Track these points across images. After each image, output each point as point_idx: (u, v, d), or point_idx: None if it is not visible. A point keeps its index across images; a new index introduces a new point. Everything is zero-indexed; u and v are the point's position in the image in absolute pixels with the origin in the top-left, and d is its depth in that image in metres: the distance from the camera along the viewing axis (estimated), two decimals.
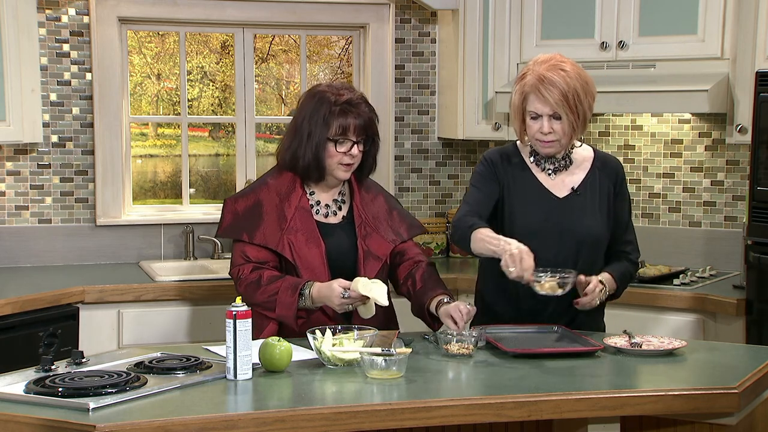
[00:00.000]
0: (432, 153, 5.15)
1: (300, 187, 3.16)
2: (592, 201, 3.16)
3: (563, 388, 2.52)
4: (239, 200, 3.19)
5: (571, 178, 3.18)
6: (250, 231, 3.11)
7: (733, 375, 2.64)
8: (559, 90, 3.01)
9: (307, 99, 3.17)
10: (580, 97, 3.04)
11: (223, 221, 3.19)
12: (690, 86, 4.09)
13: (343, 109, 3.09)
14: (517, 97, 3.10)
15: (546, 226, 3.11)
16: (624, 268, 3.20)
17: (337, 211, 3.22)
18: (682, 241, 4.59)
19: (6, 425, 2.28)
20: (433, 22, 5.06)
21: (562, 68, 3.05)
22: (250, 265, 3.10)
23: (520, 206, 3.15)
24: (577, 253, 3.12)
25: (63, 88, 4.60)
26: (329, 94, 3.11)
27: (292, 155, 3.15)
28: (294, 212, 3.12)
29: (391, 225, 3.27)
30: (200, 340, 3.97)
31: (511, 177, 3.18)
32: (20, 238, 4.57)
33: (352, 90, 3.18)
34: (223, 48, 5.11)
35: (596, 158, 3.22)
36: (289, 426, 2.30)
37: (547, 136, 3.07)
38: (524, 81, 3.08)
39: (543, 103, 3.03)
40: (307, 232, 3.11)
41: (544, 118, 3.05)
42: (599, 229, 3.16)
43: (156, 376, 2.56)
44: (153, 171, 5.07)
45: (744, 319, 3.81)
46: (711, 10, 4.14)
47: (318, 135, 3.09)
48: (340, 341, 2.73)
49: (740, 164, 4.47)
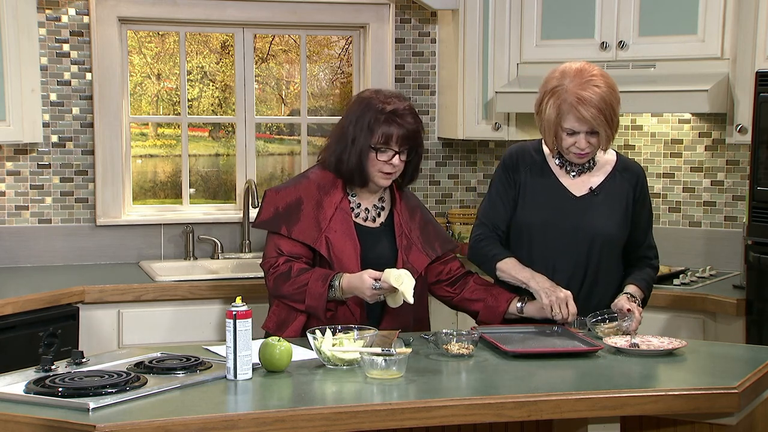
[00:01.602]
0: (432, 153, 5.15)
1: (342, 188, 3.17)
2: (609, 202, 3.21)
3: (563, 388, 2.52)
4: (281, 192, 3.19)
5: (591, 179, 3.24)
6: (288, 225, 3.12)
7: (733, 375, 2.64)
8: (597, 109, 3.06)
9: (355, 104, 3.18)
10: (615, 110, 3.12)
11: (262, 213, 3.19)
12: (690, 86, 4.09)
13: (388, 118, 3.09)
14: (553, 113, 3.12)
15: (559, 224, 3.18)
16: (647, 275, 3.26)
17: (376, 217, 3.22)
18: (682, 241, 4.59)
19: (6, 425, 2.28)
20: (433, 22, 5.06)
21: (596, 84, 3.08)
22: (283, 258, 3.11)
23: (534, 201, 3.22)
24: (589, 251, 3.17)
25: (63, 88, 4.60)
26: (376, 102, 3.12)
27: (337, 159, 3.16)
28: (334, 212, 3.13)
29: (427, 238, 3.28)
30: (200, 340, 3.97)
31: (529, 175, 3.24)
32: (20, 238, 4.57)
33: (401, 99, 3.17)
34: (223, 48, 5.10)
35: (618, 162, 3.28)
36: (289, 426, 2.30)
37: (584, 150, 3.12)
38: (560, 99, 3.09)
39: (581, 123, 3.08)
40: (345, 233, 3.13)
41: (581, 134, 3.10)
42: (613, 230, 3.19)
43: (156, 376, 2.55)
44: (153, 171, 5.07)
45: (744, 319, 3.81)
46: (711, 10, 4.14)
47: (361, 142, 3.10)
48: (340, 341, 2.73)
49: (740, 164, 4.47)
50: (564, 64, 3.20)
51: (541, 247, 3.20)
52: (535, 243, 3.21)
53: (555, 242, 3.18)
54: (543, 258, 3.19)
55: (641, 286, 3.21)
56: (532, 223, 3.21)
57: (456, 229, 5.00)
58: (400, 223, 3.22)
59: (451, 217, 5.04)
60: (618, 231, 3.21)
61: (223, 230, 4.84)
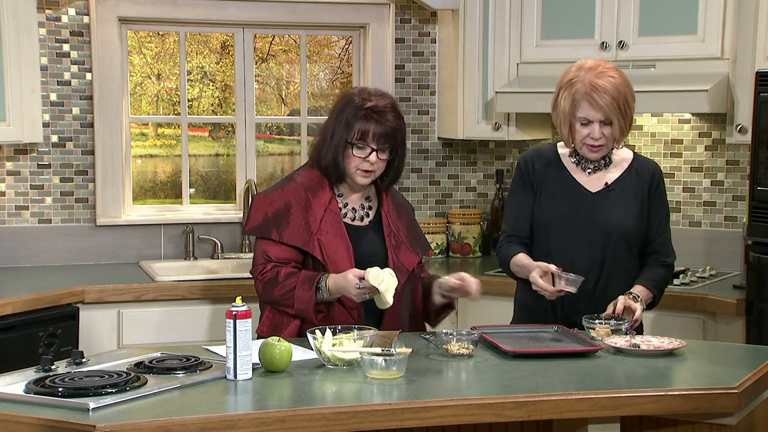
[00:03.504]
0: (432, 153, 5.15)
1: (329, 189, 3.17)
2: (624, 197, 3.24)
3: (563, 388, 2.52)
4: (269, 197, 3.19)
5: (607, 176, 3.27)
6: (279, 229, 3.11)
7: (733, 375, 2.64)
8: (610, 96, 3.10)
9: (338, 100, 3.20)
10: (629, 102, 3.15)
11: (251, 219, 3.18)
12: (690, 86, 4.09)
13: (366, 114, 3.08)
14: (567, 103, 3.16)
15: (575, 220, 3.22)
16: (656, 275, 3.27)
17: (364, 216, 3.22)
18: (682, 241, 4.57)
19: (6, 425, 2.28)
20: (433, 22, 5.06)
21: (611, 75, 3.14)
22: (271, 264, 3.11)
23: (549, 201, 3.26)
24: (605, 245, 3.20)
25: (63, 88, 4.60)
26: (357, 97, 3.12)
27: (317, 153, 3.17)
28: (324, 213, 3.13)
29: (415, 237, 3.30)
30: (200, 340, 3.97)
31: (545, 175, 3.28)
32: (20, 238, 4.57)
33: (383, 97, 3.15)
34: (223, 48, 5.11)
35: (635, 159, 3.31)
36: (289, 426, 2.30)
37: (597, 141, 3.16)
38: (574, 88, 3.14)
39: (596, 110, 3.12)
40: (336, 234, 3.12)
41: (595, 124, 3.14)
42: (628, 225, 3.22)
43: (156, 376, 2.55)
44: (153, 171, 5.07)
45: (744, 319, 3.81)
46: (711, 10, 4.14)
47: (339, 136, 3.10)
48: (340, 341, 2.73)
49: (740, 164, 4.47)
50: (579, 60, 3.25)
51: (558, 242, 3.23)
52: (553, 239, 3.24)
53: (572, 237, 3.21)
54: (561, 253, 3.21)
55: (648, 285, 3.22)
56: (549, 220, 3.25)
57: (456, 230, 4.99)
58: (388, 222, 3.22)
59: (451, 217, 5.04)
60: (634, 225, 3.23)
61: (223, 230, 4.84)
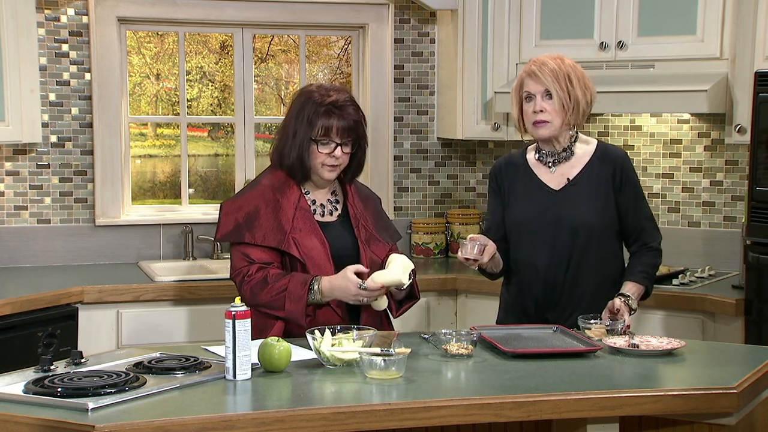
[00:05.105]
0: (431, 153, 5.15)
1: (296, 187, 3.17)
2: (588, 190, 3.24)
3: (562, 388, 2.52)
4: (237, 201, 3.18)
5: (569, 171, 3.27)
6: (252, 232, 3.10)
7: (732, 375, 2.64)
8: (550, 69, 3.18)
9: (296, 98, 3.18)
10: (572, 80, 3.19)
11: (222, 225, 3.17)
12: (689, 86, 4.09)
13: (328, 110, 3.08)
14: (516, 84, 3.27)
15: (541, 219, 3.24)
16: (644, 264, 3.25)
17: (333, 210, 3.22)
18: (681, 241, 4.59)
19: (5, 425, 2.28)
20: (433, 22, 5.06)
21: (561, 58, 3.23)
22: (255, 266, 3.09)
23: (517, 203, 3.31)
24: (572, 243, 3.21)
25: (62, 88, 4.60)
26: (316, 94, 3.12)
27: (279, 153, 3.16)
28: (295, 212, 3.13)
29: (383, 226, 3.32)
30: (199, 340, 3.97)
31: (512, 180, 3.33)
32: (20, 238, 4.57)
33: (341, 91, 3.16)
34: (222, 48, 5.11)
35: (597, 150, 3.29)
36: (289, 426, 2.30)
37: (538, 115, 3.19)
38: (522, 71, 3.25)
39: (536, 82, 3.20)
40: (310, 231, 3.12)
41: (537, 96, 3.19)
42: (593, 217, 3.22)
43: (155, 376, 2.55)
44: (152, 171, 5.07)
45: (743, 319, 3.81)
46: (710, 11, 4.15)
47: (302, 135, 3.10)
48: (339, 341, 2.73)
49: (739, 164, 4.47)
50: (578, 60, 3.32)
51: (529, 243, 3.26)
52: (524, 240, 3.28)
53: (539, 236, 3.24)
54: (532, 253, 3.25)
55: (637, 279, 3.21)
56: (518, 222, 3.29)
57: (455, 229, 4.99)
58: (355, 215, 3.23)
59: (451, 217, 5.04)
60: (598, 219, 3.22)
61: None
